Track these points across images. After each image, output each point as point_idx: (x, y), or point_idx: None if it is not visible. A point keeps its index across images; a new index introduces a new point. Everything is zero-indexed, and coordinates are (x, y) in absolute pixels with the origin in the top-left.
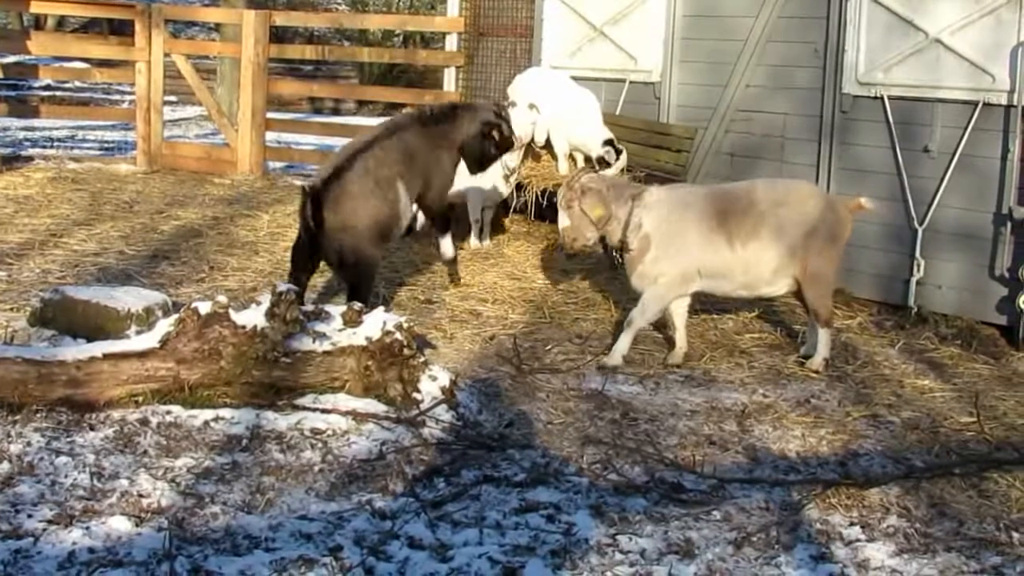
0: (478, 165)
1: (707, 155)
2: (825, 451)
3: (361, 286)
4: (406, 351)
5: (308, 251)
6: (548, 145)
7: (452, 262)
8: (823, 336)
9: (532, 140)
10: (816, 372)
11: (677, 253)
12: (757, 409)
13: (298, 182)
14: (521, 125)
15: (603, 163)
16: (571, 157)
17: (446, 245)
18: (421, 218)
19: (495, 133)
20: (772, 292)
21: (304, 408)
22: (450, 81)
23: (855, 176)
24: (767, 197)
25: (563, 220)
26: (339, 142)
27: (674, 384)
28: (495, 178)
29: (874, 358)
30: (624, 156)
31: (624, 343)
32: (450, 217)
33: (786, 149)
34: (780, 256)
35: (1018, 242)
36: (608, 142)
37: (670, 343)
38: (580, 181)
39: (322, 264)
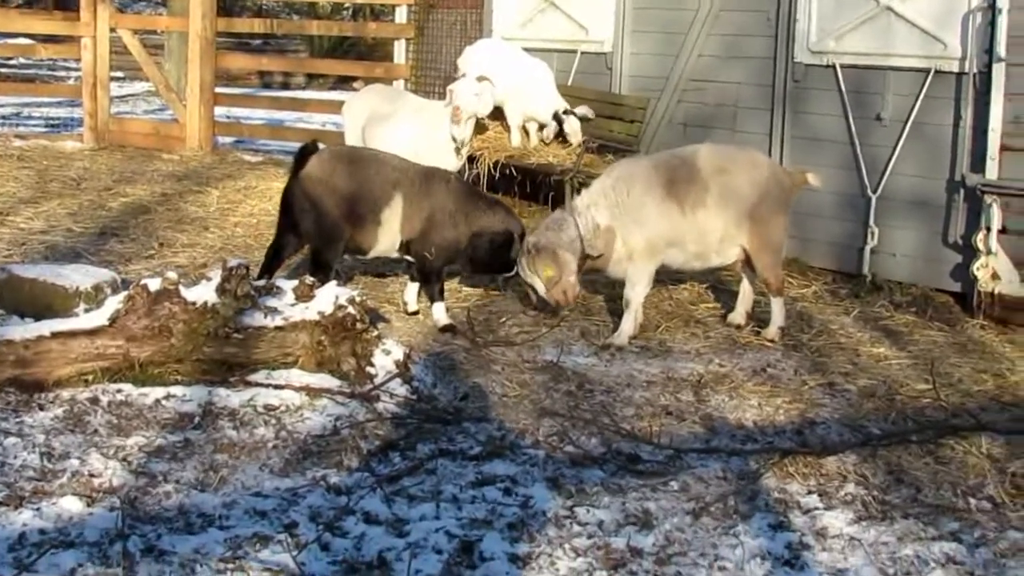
0: None
1: (660, 125)
2: (782, 420)
3: (325, 250)
4: (359, 325)
5: (283, 223)
6: (501, 117)
7: None
8: (777, 305)
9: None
10: (772, 341)
11: (640, 226)
12: (713, 379)
13: (248, 157)
14: (472, 97)
15: (560, 134)
16: (524, 129)
17: None
18: None
19: None
20: (722, 262)
21: (257, 384)
22: (400, 54)
23: (808, 145)
24: (710, 164)
25: (536, 286)
26: (289, 116)
27: (630, 355)
28: (445, 151)
29: (829, 327)
30: (576, 121)
31: (629, 324)
32: None
33: (739, 118)
34: (726, 224)
35: (971, 209)
36: (564, 112)
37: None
38: (529, 243)
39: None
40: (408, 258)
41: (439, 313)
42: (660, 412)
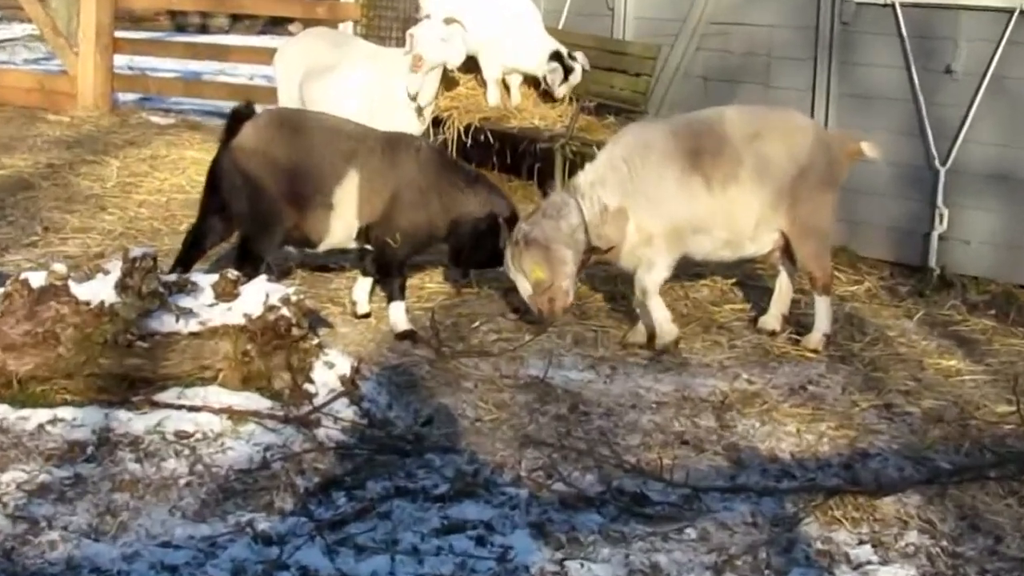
0: None
1: (673, 79)
2: (826, 451)
3: (258, 239)
4: (295, 331)
5: (208, 204)
6: (475, 68)
7: None
8: (822, 306)
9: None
10: (814, 351)
11: (658, 207)
12: (740, 399)
13: (156, 119)
14: (437, 43)
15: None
16: (503, 83)
17: None
18: None
19: None
20: (756, 251)
21: (166, 405)
22: None
23: (860, 104)
24: (741, 129)
25: (521, 285)
26: (208, 68)
27: (635, 369)
28: (404, 112)
29: (886, 333)
30: (578, 71)
31: (660, 312)
32: None
33: (773, 71)
34: (763, 203)
35: None
36: (555, 56)
37: (631, 317)
38: (520, 231)
39: None
40: (368, 247)
41: (397, 315)
42: (673, 441)
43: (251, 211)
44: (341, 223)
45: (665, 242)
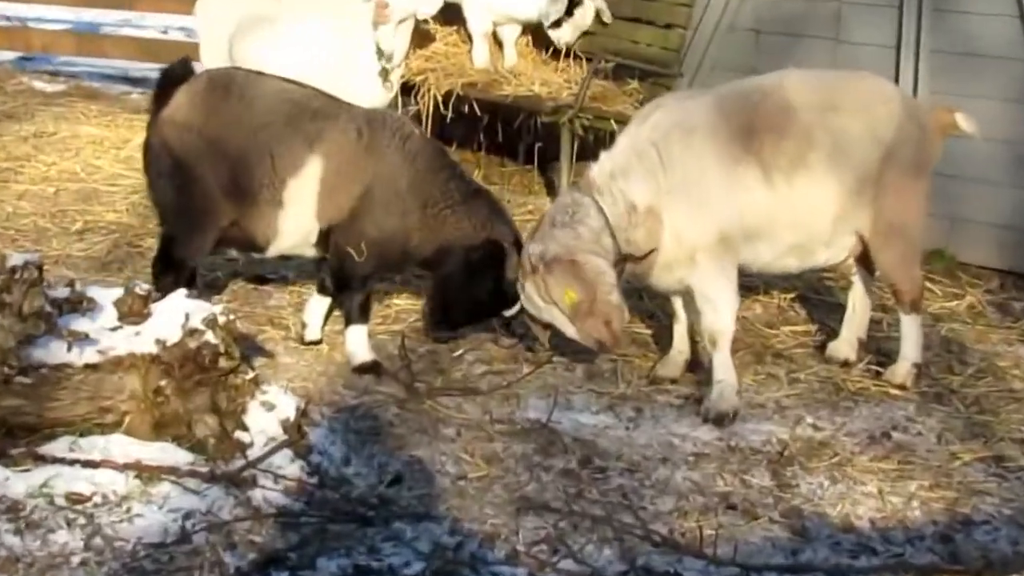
0: None
1: (716, 34)
2: (918, 517)
3: (183, 240)
4: (223, 362)
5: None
6: (457, 19)
7: None
8: (910, 328)
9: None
10: (900, 387)
11: (702, 207)
12: (804, 450)
13: (42, 84)
14: None
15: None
16: (493, 38)
17: None
18: None
19: None
20: (829, 259)
21: (55, 460)
22: None
23: (960, 64)
24: (808, 98)
25: (558, 319)
26: (109, 18)
27: (667, 411)
28: (364, 76)
29: (996, 364)
30: (587, 11)
31: (727, 373)
32: None
33: (845, 22)
34: (842, 196)
35: None
36: None
37: (660, 343)
38: (531, 254)
39: None
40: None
41: (357, 342)
42: (717, 505)
43: (177, 202)
44: (295, 223)
45: (713, 259)
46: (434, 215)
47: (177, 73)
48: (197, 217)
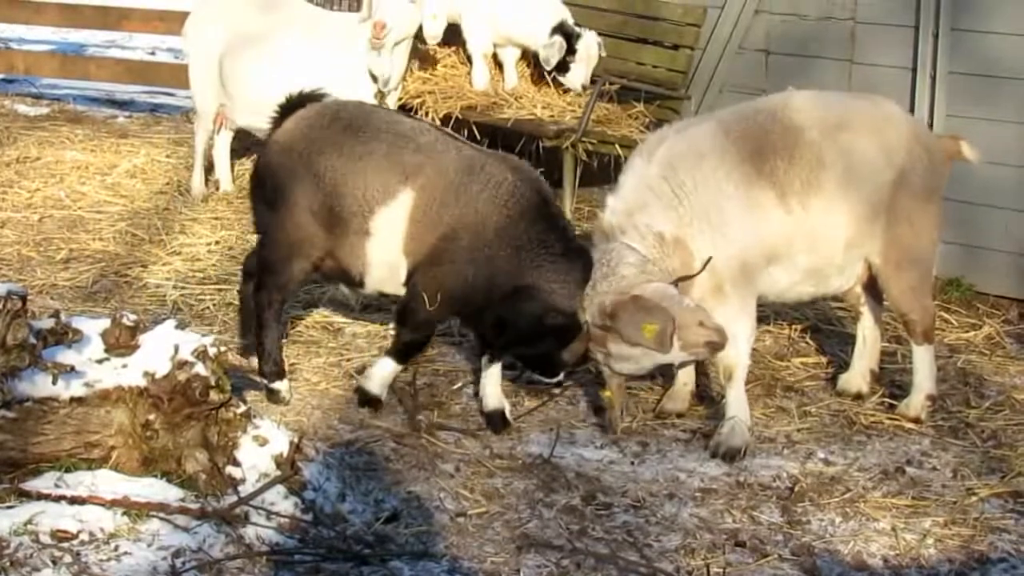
0: None
1: (724, 53)
2: (933, 556)
3: (273, 267)
4: (215, 396)
5: None
6: (456, 40)
7: None
8: (923, 360)
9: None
10: (914, 421)
11: (721, 232)
12: (815, 485)
13: (24, 108)
14: (405, 8)
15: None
16: (494, 60)
17: None
18: None
19: None
20: (842, 285)
21: (40, 496)
22: None
23: (980, 87)
24: (817, 119)
25: (648, 351)
26: (94, 38)
27: (673, 445)
28: (358, 98)
29: (1014, 396)
30: (591, 44)
31: (741, 409)
32: None
33: (860, 42)
34: (856, 218)
35: None
36: (559, 28)
37: (666, 376)
38: (595, 307)
39: None
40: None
41: (379, 376)
42: (725, 542)
43: (272, 227)
44: (382, 255)
45: (735, 290)
46: (529, 260)
47: (296, 101)
48: (290, 244)
